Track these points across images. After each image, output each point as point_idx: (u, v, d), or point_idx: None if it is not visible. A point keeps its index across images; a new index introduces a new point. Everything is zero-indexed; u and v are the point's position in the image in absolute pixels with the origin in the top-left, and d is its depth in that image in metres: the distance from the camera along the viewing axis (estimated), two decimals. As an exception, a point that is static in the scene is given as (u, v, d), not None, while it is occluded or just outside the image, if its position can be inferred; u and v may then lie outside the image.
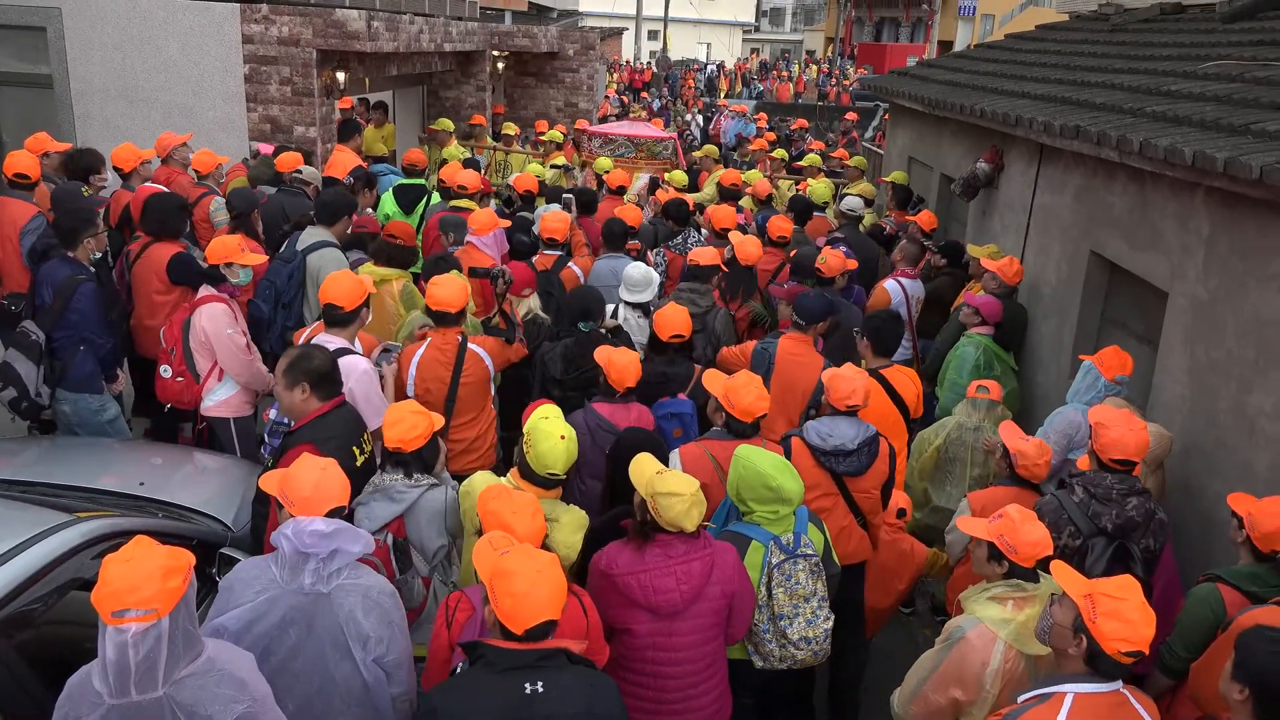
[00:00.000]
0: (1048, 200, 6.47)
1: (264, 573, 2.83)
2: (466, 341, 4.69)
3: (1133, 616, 2.51)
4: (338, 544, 2.76)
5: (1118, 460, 3.67)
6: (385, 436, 3.54)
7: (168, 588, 2.19)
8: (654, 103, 27.00)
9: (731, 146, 17.95)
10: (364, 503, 3.55)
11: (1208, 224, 4.46)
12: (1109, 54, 7.56)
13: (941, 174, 9.31)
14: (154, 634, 2.18)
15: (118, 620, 2.15)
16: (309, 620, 2.77)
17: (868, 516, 4.20)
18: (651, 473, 3.23)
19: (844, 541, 4.12)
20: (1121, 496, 3.66)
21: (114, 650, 2.16)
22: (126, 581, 2.16)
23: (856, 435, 4.05)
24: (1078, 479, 3.79)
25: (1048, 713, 2.55)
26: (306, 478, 2.86)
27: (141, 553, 2.24)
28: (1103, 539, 3.63)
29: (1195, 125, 4.59)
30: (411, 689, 2.99)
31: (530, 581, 2.50)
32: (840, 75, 36.28)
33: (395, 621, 2.87)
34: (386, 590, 2.90)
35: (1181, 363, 4.62)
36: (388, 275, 5.61)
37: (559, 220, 6.44)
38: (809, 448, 4.06)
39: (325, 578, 2.77)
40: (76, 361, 5.05)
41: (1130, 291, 5.48)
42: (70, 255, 5.15)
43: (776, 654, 3.45)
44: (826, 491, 4.09)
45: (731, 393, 4.00)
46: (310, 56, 9.21)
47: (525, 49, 14.69)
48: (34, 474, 4.26)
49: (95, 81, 9.43)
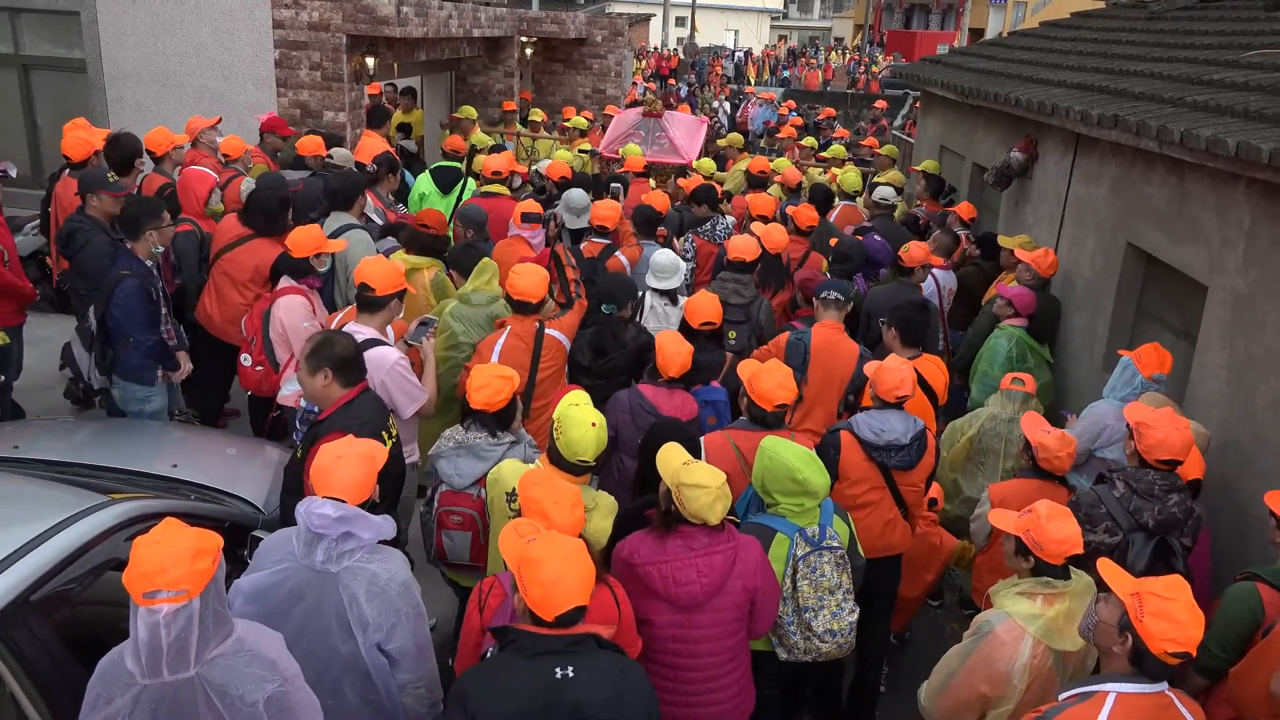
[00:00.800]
0: (1083, 191, 6.37)
1: (285, 545, 2.86)
2: (544, 328, 4.79)
3: (1181, 617, 2.45)
4: (348, 528, 2.78)
5: (1163, 460, 3.60)
6: (472, 400, 3.71)
7: (197, 569, 2.21)
8: (681, 89, 26.86)
9: (759, 134, 17.85)
10: (445, 456, 3.75)
11: (1249, 216, 4.37)
12: (1147, 42, 7.43)
13: (974, 163, 9.20)
14: (185, 615, 2.20)
15: (149, 601, 2.17)
16: (317, 596, 2.79)
17: (910, 509, 4.20)
18: (678, 463, 3.20)
19: (888, 534, 4.12)
20: (1164, 493, 3.60)
21: (146, 631, 2.18)
22: (157, 563, 2.18)
23: (908, 429, 4.05)
24: (1119, 474, 3.72)
25: (1089, 711, 2.50)
26: (329, 459, 2.87)
27: (171, 535, 2.25)
28: (1142, 535, 3.58)
29: (1238, 115, 4.50)
30: (425, 678, 2.96)
31: (558, 569, 2.50)
32: (870, 63, 35.95)
33: (401, 610, 2.83)
34: (397, 579, 2.84)
35: (1219, 358, 4.54)
36: (419, 264, 5.61)
37: (609, 209, 6.37)
38: (860, 441, 4.04)
39: (335, 557, 2.78)
40: (126, 353, 5.09)
41: (1167, 284, 5.39)
42: (127, 246, 5.10)
43: (801, 646, 3.43)
44: (875, 485, 4.08)
45: (755, 378, 3.98)
46: (340, 42, 9.22)
47: (553, 35, 14.64)
48: (70, 455, 4.32)
49: (128, 66, 9.50)
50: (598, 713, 2.50)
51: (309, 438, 3.68)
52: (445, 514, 3.80)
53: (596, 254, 6.29)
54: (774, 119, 17.88)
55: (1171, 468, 3.63)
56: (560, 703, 2.47)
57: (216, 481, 4.26)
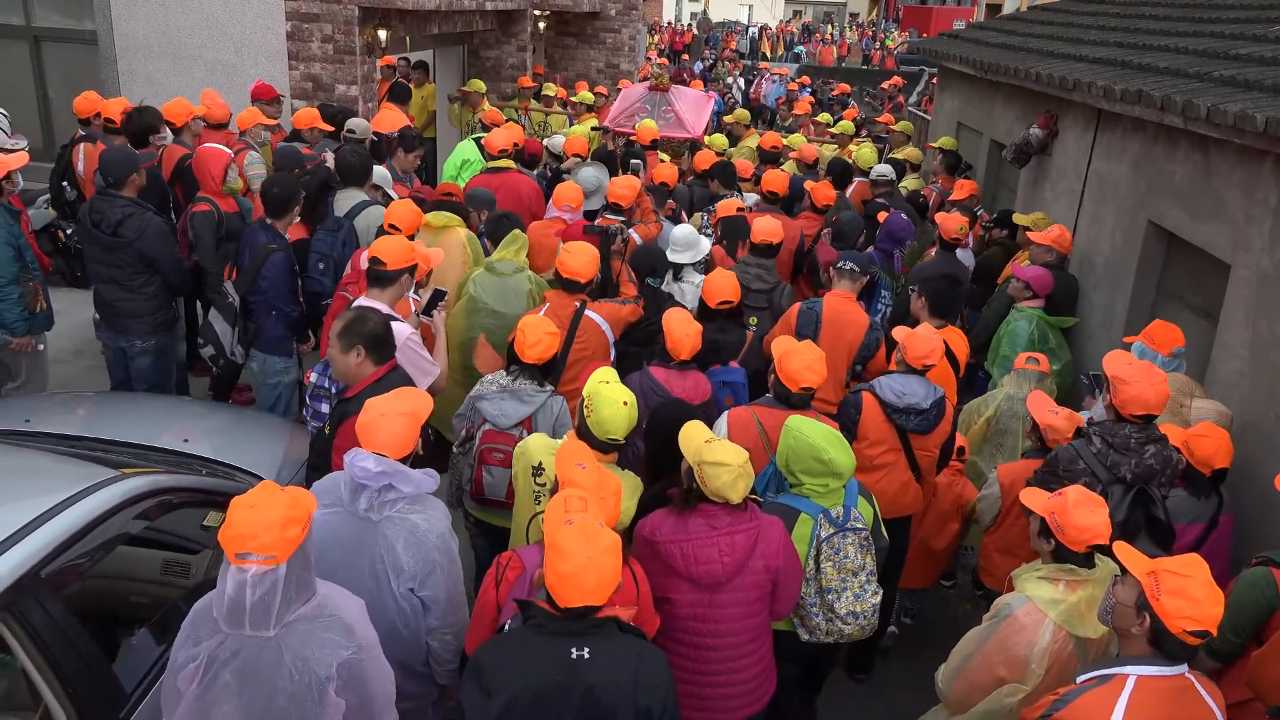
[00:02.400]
0: (1104, 168, 6.27)
1: (335, 490, 2.97)
2: (584, 308, 4.78)
3: (1198, 594, 2.42)
4: (389, 481, 2.88)
5: (1138, 415, 3.65)
6: (525, 355, 3.97)
7: (287, 536, 2.29)
8: (695, 65, 26.61)
9: (772, 110, 17.67)
10: (489, 398, 3.98)
11: (1276, 193, 4.29)
12: (1172, 16, 7.29)
13: (992, 140, 9.09)
14: (271, 578, 2.28)
15: (240, 561, 2.25)
16: (356, 541, 2.90)
17: (924, 474, 4.32)
18: (700, 440, 3.17)
19: (902, 496, 4.25)
20: (1140, 445, 3.65)
21: (234, 587, 2.27)
22: (250, 527, 2.26)
23: (928, 395, 4.17)
24: (1095, 429, 3.77)
25: (1108, 694, 2.47)
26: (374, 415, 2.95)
27: (266, 499, 2.32)
28: (1120, 487, 3.64)
29: (1267, 90, 4.39)
30: (454, 625, 3.06)
31: (579, 565, 2.45)
32: (885, 38, 35.55)
33: (437, 561, 2.93)
34: (435, 530, 2.95)
35: (1242, 337, 4.47)
36: (450, 221, 5.50)
37: (627, 186, 6.24)
38: (881, 403, 4.13)
39: (378, 506, 2.89)
40: (269, 325, 5.29)
41: (1189, 263, 5.30)
42: (269, 223, 5.32)
43: (823, 628, 3.40)
44: (891, 447, 4.20)
45: (785, 357, 3.96)
46: (352, 14, 9.14)
47: (566, 8, 14.50)
48: (82, 429, 4.32)
49: (139, 38, 9.44)
50: (612, 696, 2.48)
51: (337, 415, 3.69)
52: (488, 451, 3.97)
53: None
54: (784, 94, 17.68)
55: (1147, 421, 3.66)
56: (574, 684, 2.46)
57: (228, 456, 4.26)
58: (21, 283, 5.19)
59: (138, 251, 5.30)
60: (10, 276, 5.12)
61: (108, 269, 5.37)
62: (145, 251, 5.31)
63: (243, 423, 5.01)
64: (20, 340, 5.29)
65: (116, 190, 5.33)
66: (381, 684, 2.56)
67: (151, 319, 5.52)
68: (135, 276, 5.38)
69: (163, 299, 5.56)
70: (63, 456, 3.56)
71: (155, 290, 5.48)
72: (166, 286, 5.53)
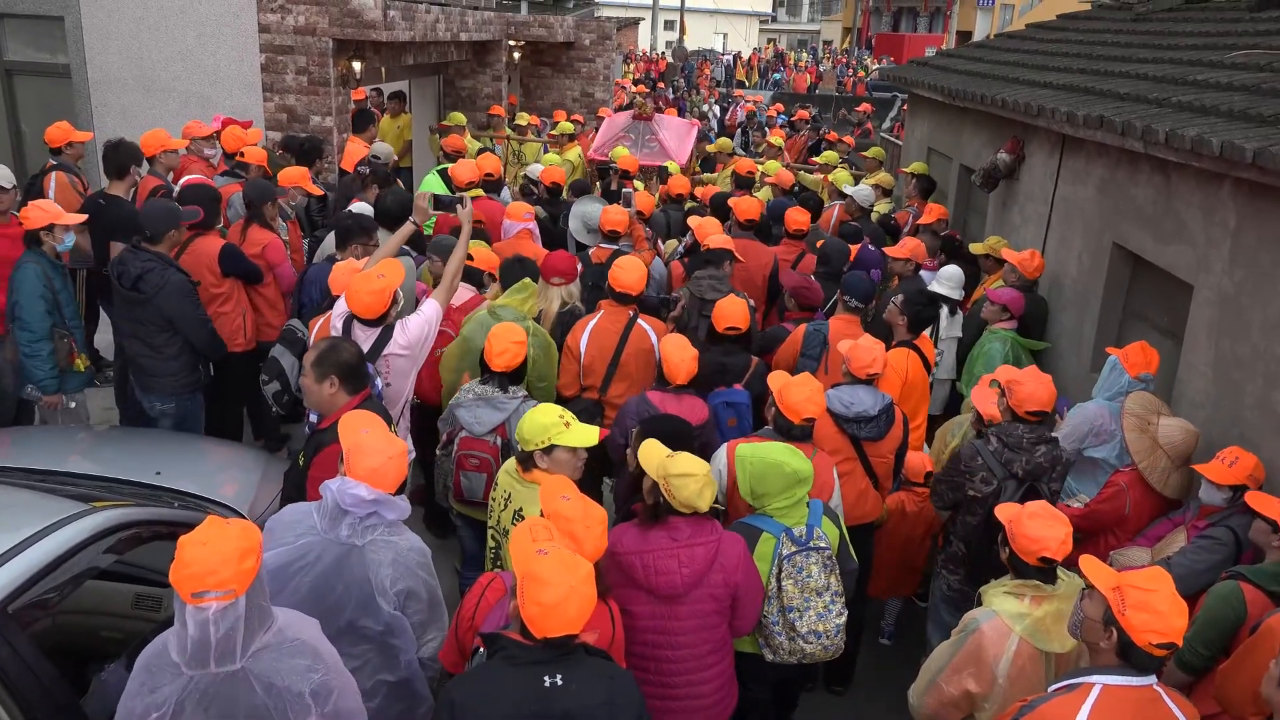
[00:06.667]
0: (1069, 192, 6.39)
1: (306, 519, 2.99)
2: (636, 317, 5.10)
3: (1163, 607, 2.46)
4: (377, 509, 2.94)
5: (1033, 412, 3.96)
6: (492, 362, 4.14)
7: (244, 568, 2.25)
8: (669, 93, 26.86)
9: (742, 129, 17.85)
10: (465, 406, 4.17)
11: (1234, 216, 4.38)
12: (1133, 44, 7.45)
13: (961, 165, 9.22)
14: (233, 613, 2.25)
15: (197, 600, 2.21)
16: (336, 566, 2.92)
17: (880, 480, 4.47)
18: (661, 455, 3.24)
19: (862, 503, 4.38)
20: (1031, 445, 3.97)
21: (195, 627, 2.23)
22: (206, 564, 2.21)
23: (876, 403, 4.31)
24: (993, 430, 4.10)
25: (1073, 701, 2.50)
26: (377, 455, 2.94)
27: (216, 534, 2.27)
28: (1013, 482, 3.97)
29: (1223, 115, 4.51)
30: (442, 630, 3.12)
31: (562, 594, 2.44)
32: (857, 65, 36.05)
33: (420, 576, 3.01)
34: (417, 549, 3.03)
35: (1206, 357, 4.55)
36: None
37: (619, 214, 6.31)
38: (831, 415, 4.23)
39: (361, 531, 2.94)
40: None
41: (1153, 284, 5.40)
42: (337, 258, 5.25)
43: (786, 647, 3.42)
44: (847, 457, 4.31)
45: (786, 389, 3.97)
46: (326, 46, 9.19)
47: (541, 39, 14.63)
48: (53, 463, 4.28)
49: (112, 71, 9.43)
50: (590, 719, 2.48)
51: (311, 446, 3.67)
52: (464, 457, 4.16)
53: (604, 259, 6.27)
54: (760, 118, 17.92)
55: (1040, 419, 3.98)
56: (549, 711, 2.45)
57: (200, 489, 4.24)
58: (55, 339, 5.08)
59: (157, 308, 5.08)
60: (42, 333, 4.99)
61: (130, 324, 5.18)
62: (163, 309, 5.07)
63: (216, 455, 4.98)
64: (50, 399, 5.15)
65: (151, 245, 5.12)
66: (350, 699, 2.54)
67: (173, 380, 5.26)
68: (157, 334, 5.14)
69: (185, 360, 5.28)
70: (31, 491, 3.53)
71: (177, 351, 5.21)
72: (190, 348, 5.27)
